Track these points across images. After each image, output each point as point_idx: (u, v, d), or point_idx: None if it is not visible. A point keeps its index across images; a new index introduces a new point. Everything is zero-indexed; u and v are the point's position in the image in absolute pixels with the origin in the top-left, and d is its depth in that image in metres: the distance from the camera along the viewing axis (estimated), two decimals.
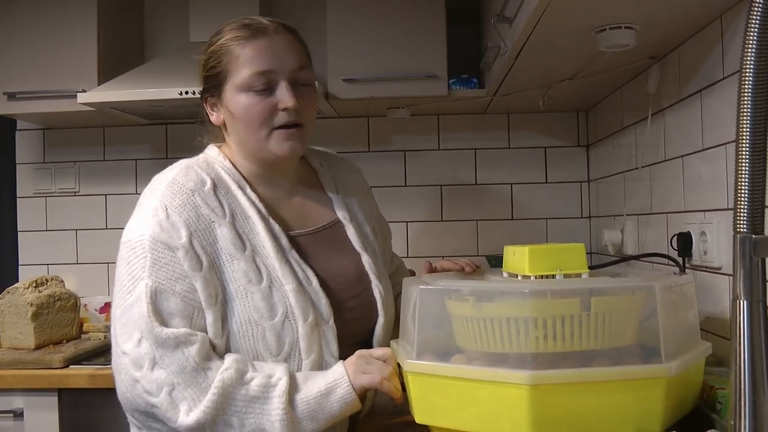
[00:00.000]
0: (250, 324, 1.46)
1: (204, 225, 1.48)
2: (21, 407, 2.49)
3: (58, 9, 2.90)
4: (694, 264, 1.93)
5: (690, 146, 1.96)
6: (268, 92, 1.52)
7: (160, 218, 1.46)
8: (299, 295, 1.49)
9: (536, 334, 1.23)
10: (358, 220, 1.76)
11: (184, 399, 1.37)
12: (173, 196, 1.49)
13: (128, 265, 1.46)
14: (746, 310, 0.78)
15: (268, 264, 1.50)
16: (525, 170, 3.32)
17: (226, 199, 1.53)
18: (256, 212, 1.54)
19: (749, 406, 0.78)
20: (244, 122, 1.54)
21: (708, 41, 1.82)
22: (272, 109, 1.52)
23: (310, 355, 1.49)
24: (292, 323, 1.48)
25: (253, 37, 1.53)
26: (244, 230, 1.52)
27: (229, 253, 1.48)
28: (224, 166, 1.59)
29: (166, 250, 1.44)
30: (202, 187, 1.52)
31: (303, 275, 1.53)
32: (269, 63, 1.52)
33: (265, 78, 1.52)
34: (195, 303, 1.43)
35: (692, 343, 1.38)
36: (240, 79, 1.52)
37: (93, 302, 3.08)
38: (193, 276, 1.43)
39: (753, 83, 0.78)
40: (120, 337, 1.43)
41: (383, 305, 1.66)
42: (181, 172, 1.54)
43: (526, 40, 1.91)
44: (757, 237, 0.78)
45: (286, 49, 1.55)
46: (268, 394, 1.39)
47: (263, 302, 1.47)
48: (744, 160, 0.79)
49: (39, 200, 3.41)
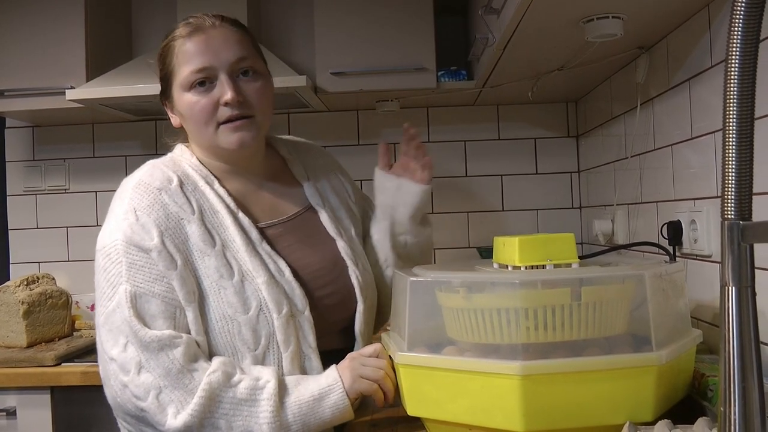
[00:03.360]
0: (225, 320, 1.45)
1: (173, 223, 1.47)
2: (14, 406, 2.48)
3: (45, 6, 2.88)
4: (684, 252, 1.93)
5: (679, 135, 1.96)
6: (209, 88, 1.52)
7: (130, 221, 1.46)
8: (271, 288, 1.48)
9: (527, 325, 1.23)
10: (332, 204, 1.74)
11: (172, 402, 1.37)
12: (141, 197, 1.49)
13: (105, 271, 1.47)
14: (735, 296, 0.78)
15: (239, 258, 1.50)
16: (515, 161, 3.32)
17: (194, 196, 1.53)
18: (224, 207, 1.54)
19: (739, 393, 0.78)
20: (191, 121, 1.55)
21: (695, 30, 1.83)
22: (215, 105, 1.51)
23: (288, 347, 1.48)
24: (267, 316, 1.47)
25: (191, 34, 1.52)
26: (213, 225, 1.51)
27: (199, 249, 1.47)
28: (191, 163, 1.59)
29: (139, 252, 1.44)
30: (169, 185, 1.52)
31: (275, 267, 1.52)
32: (206, 59, 1.51)
33: (204, 74, 1.51)
34: (175, 302, 1.43)
35: (683, 331, 1.39)
36: (181, 78, 1.53)
37: (84, 299, 3.08)
38: (169, 275, 1.43)
39: (739, 71, 0.78)
40: (106, 344, 1.43)
41: (362, 291, 1.64)
42: (146, 172, 1.55)
43: (513, 31, 1.90)
44: (745, 223, 0.79)
45: (223, 42, 1.53)
46: (255, 397, 1.39)
47: (236, 297, 1.46)
48: (731, 147, 0.79)
49: (29, 198, 3.39)
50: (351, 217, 1.78)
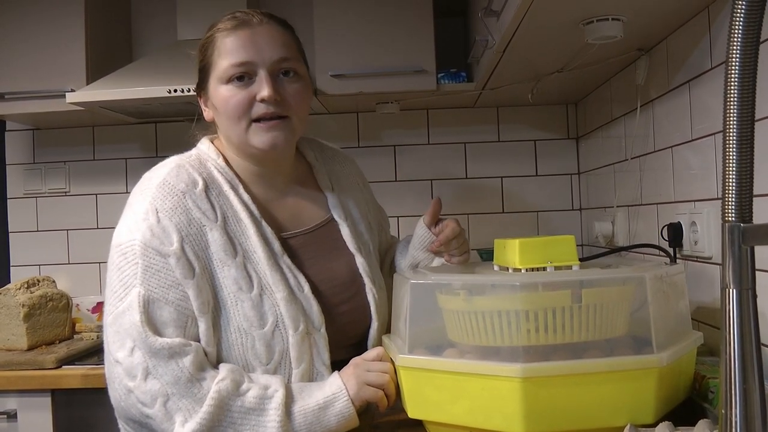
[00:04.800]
0: (239, 332, 1.43)
1: (195, 229, 1.43)
2: (14, 408, 2.48)
3: (45, 9, 2.88)
4: (684, 254, 1.93)
5: (679, 137, 1.96)
6: (247, 84, 1.49)
7: (150, 222, 1.41)
8: (290, 304, 1.46)
9: (527, 327, 1.23)
10: (353, 218, 1.72)
11: (179, 410, 1.34)
12: (164, 198, 1.44)
13: (119, 270, 1.42)
14: (735, 298, 0.78)
15: (259, 270, 1.46)
16: (515, 163, 3.32)
17: (218, 201, 1.49)
18: (248, 215, 1.50)
19: (740, 395, 0.78)
20: (225, 115, 1.50)
21: (695, 32, 1.83)
22: (250, 101, 1.48)
23: (301, 365, 1.46)
24: (282, 333, 1.45)
25: (236, 28, 1.50)
26: (236, 234, 1.48)
27: (220, 258, 1.44)
28: (217, 165, 1.55)
29: (157, 256, 1.40)
30: (194, 188, 1.47)
31: (295, 282, 1.50)
32: (248, 54, 1.48)
33: (243, 69, 1.48)
34: (188, 311, 1.40)
35: (684, 333, 1.39)
36: (220, 71, 1.49)
37: (85, 302, 3.07)
38: (185, 283, 1.40)
39: (739, 73, 0.78)
40: (112, 345, 1.40)
41: (377, 309, 1.63)
42: (172, 171, 1.49)
43: (513, 33, 1.90)
44: (746, 225, 0.78)
45: (269, 40, 1.51)
46: (264, 406, 1.37)
47: (253, 311, 1.43)
48: (731, 149, 0.79)
49: (29, 201, 3.39)
50: (369, 231, 1.76)
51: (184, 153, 1.59)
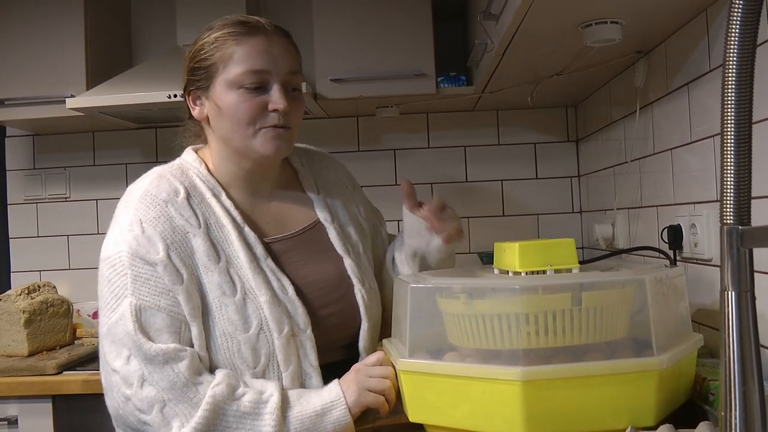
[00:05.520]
0: (225, 337, 1.44)
1: (179, 237, 1.45)
2: (15, 414, 2.48)
3: (45, 15, 2.88)
4: (684, 256, 1.93)
5: (678, 139, 1.96)
6: (260, 91, 1.49)
7: (135, 233, 1.44)
8: (274, 306, 1.47)
9: (528, 330, 1.23)
10: (341, 220, 1.71)
11: (176, 415, 1.36)
12: (147, 208, 1.46)
13: (109, 282, 1.44)
14: (734, 300, 0.79)
15: (242, 275, 1.48)
16: (515, 166, 3.32)
17: (200, 208, 1.51)
18: (231, 220, 1.51)
19: (739, 397, 0.78)
20: (231, 119, 1.50)
21: (694, 34, 1.83)
22: (262, 109, 1.49)
23: (289, 367, 1.47)
24: (267, 335, 1.45)
25: (250, 34, 1.50)
26: (218, 240, 1.49)
27: (204, 264, 1.46)
28: (199, 173, 1.56)
29: (145, 265, 1.42)
30: (176, 197, 1.49)
31: (278, 285, 1.51)
32: (265, 63, 1.49)
33: (258, 77, 1.48)
34: (180, 317, 1.42)
35: (684, 336, 1.39)
36: (232, 75, 1.48)
37: (86, 308, 3.08)
38: (175, 290, 1.41)
39: (736, 75, 0.78)
40: (109, 355, 1.41)
41: (366, 310, 1.62)
42: (153, 182, 1.52)
43: (512, 36, 1.91)
44: (744, 228, 0.79)
45: (282, 51, 1.52)
46: (259, 410, 1.37)
47: (237, 315, 1.45)
48: (729, 152, 0.79)
49: (30, 206, 3.40)
50: (359, 233, 1.75)
51: (167, 163, 1.62)
